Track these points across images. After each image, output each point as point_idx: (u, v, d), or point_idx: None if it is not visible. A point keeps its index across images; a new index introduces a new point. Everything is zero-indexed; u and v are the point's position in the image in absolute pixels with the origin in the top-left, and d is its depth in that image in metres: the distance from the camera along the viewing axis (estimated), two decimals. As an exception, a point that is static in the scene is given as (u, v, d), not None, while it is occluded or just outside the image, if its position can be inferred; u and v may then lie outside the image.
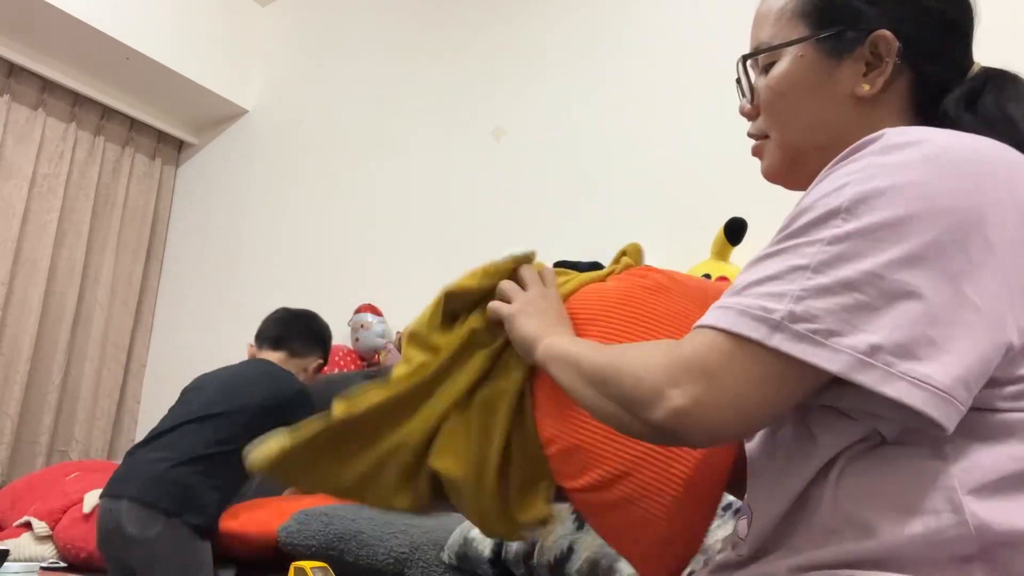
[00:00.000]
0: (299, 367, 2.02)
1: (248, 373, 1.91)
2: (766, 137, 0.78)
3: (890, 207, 0.55)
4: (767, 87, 0.75)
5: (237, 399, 1.80)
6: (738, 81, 0.81)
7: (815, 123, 0.73)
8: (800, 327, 0.55)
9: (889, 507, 0.56)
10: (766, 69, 0.76)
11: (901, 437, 0.57)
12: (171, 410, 1.88)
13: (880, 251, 0.54)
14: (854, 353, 0.53)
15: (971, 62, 0.73)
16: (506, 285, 0.87)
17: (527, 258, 0.89)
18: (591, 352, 0.69)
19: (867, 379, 0.53)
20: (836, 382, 0.56)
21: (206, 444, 1.72)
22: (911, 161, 0.57)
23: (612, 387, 0.64)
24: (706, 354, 0.58)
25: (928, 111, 0.71)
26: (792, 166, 0.76)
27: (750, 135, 0.80)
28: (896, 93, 0.71)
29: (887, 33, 0.70)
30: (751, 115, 0.79)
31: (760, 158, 0.80)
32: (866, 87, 0.70)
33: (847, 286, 0.54)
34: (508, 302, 0.85)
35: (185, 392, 1.93)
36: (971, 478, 0.55)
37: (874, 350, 0.53)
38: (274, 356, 2.00)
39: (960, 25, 0.73)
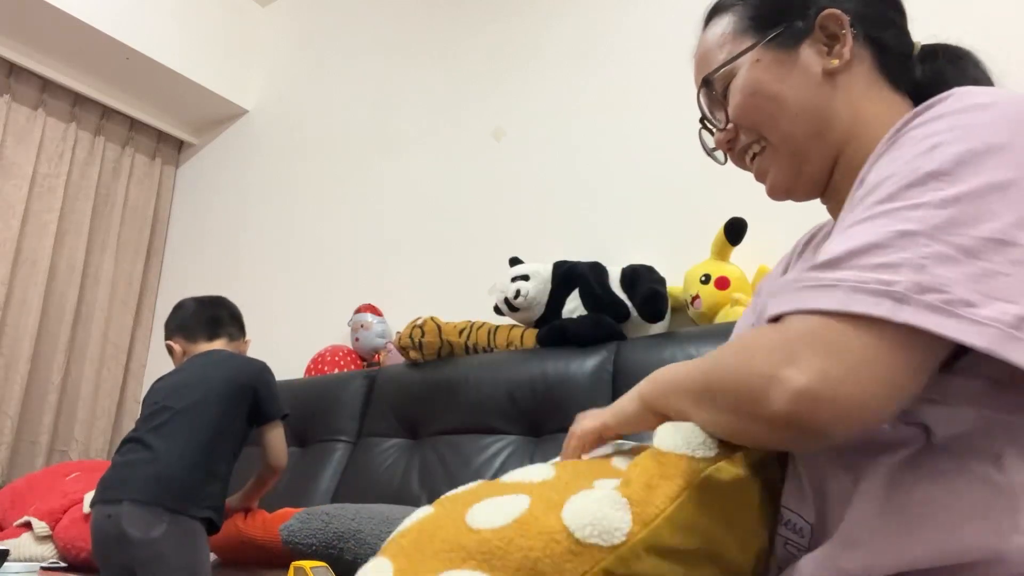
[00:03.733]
0: (236, 350, 1.97)
1: (209, 361, 1.85)
2: (758, 142, 0.77)
3: (992, 170, 0.53)
4: (736, 95, 0.76)
5: (206, 384, 1.77)
6: (701, 120, 0.83)
7: (798, 109, 0.72)
8: (931, 298, 0.49)
9: (947, 519, 0.52)
10: (725, 93, 0.77)
11: (954, 444, 0.54)
12: (143, 419, 1.78)
13: (994, 215, 0.51)
14: (1000, 326, 0.48)
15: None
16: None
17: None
18: (689, 371, 0.62)
19: (1017, 355, 0.48)
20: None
21: (190, 434, 1.69)
22: (998, 121, 0.56)
23: (719, 394, 0.56)
24: (821, 331, 0.50)
25: (898, 79, 0.73)
26: (797, 166, 0.75)
27: (742, 150, 0.79)
28: (864, 64, 0.73)
29: (832, 10, 0.72)
30: (729, 136, 0.80)
31: (764, 179, 0.79)
32: (835, 61, 0.72)
33: (969, 253, 0.50)
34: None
35: (151, 403, 1.80)
36: None
37: (1020, 321, 0.48)
38: (215, 346, 1.93)
39: None
